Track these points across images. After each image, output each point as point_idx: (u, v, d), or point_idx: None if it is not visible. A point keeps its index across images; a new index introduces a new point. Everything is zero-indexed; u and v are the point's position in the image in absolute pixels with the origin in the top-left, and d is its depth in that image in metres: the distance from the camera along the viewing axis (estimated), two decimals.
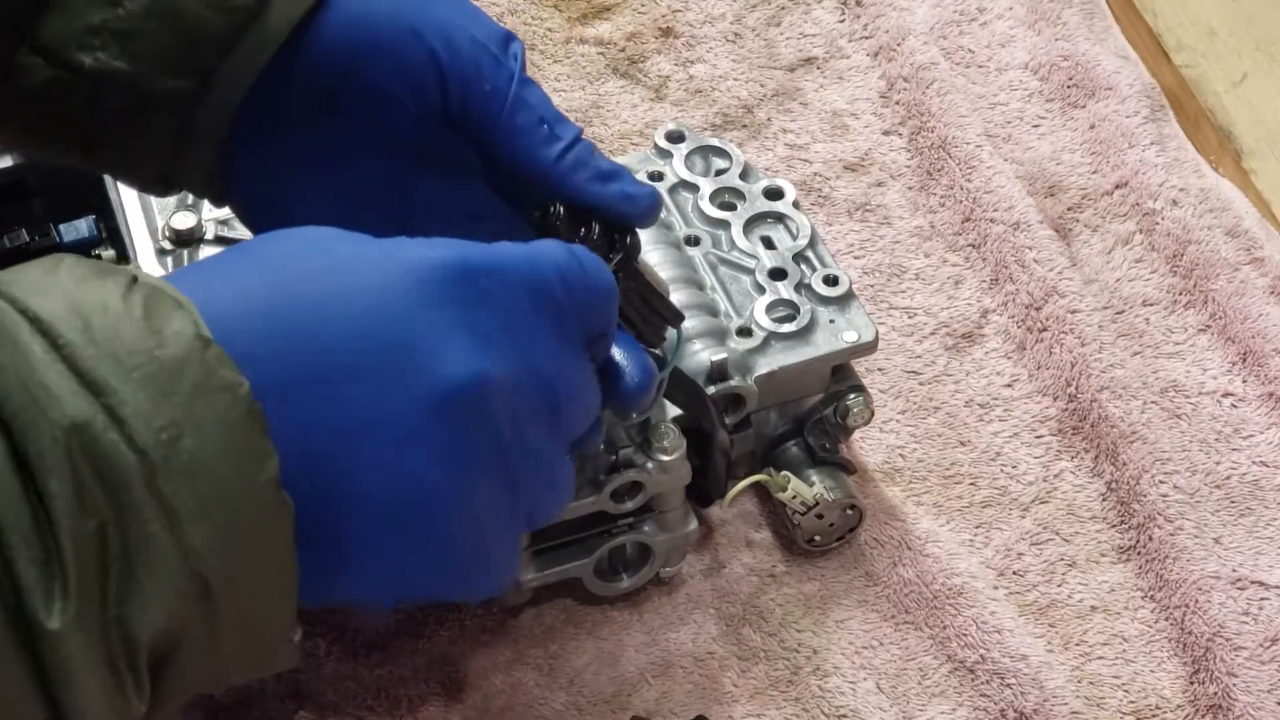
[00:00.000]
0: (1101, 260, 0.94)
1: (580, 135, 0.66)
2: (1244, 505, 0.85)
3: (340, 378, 0.52)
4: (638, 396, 0.65)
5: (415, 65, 0.64)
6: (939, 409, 0.88)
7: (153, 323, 0.49)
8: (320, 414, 0.51)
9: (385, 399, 0.52)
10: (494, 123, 0.64)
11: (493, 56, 0.64)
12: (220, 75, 0.63)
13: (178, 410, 0.48)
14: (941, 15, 1.05)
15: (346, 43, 0.64)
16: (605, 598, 0.80)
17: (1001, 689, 0.78)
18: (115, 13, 0.61)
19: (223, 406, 0.49)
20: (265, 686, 0.76)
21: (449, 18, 0.65)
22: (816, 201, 0.96)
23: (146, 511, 0.47)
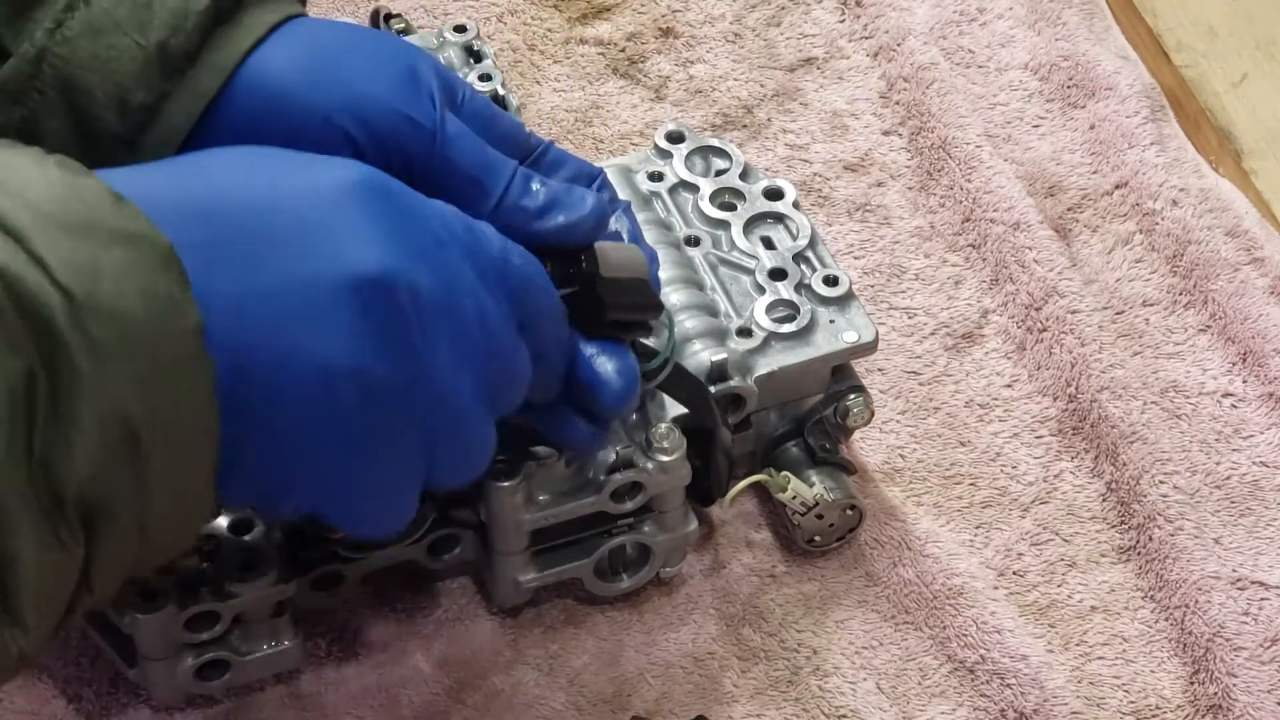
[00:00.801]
0: (1101, 260, 0.94)
1: (516, 171, 0.65)
2: (1244, 505, 0.85)
3: (259, 246, 0.52)
4: (619, 405, 0.66)
5: (330, 149, 0.62)
6: (939, 409, 0.88)
7: (66, 179, 0.49)
8: (237, 277, 0.52)
9: (299, 272, 0.53)
10: (422, 188, 0.62)
11: (410, 121, 0.63)
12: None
13: (97, 254, 0.48)
14: (941, 15, 1.05)
15: (255, 130, 0.63)
16: (605, 598, 0.80)
17: (1001, 689, 0.78)
18: (20, 113, 0.62)
19: (140, 254, 0.49)
20: (266, 688, 0.76)
21: (360, 88, 0.63)
22: (816, 202, 0.96)
23: (74, 348, 0.47)
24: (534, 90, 1.01)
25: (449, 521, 0.75)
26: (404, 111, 0.63)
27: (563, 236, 0.65)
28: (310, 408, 0.54)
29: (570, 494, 0.74)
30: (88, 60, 0.61)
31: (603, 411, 0.67)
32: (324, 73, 0.64)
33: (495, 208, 0.64)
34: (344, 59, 0.65)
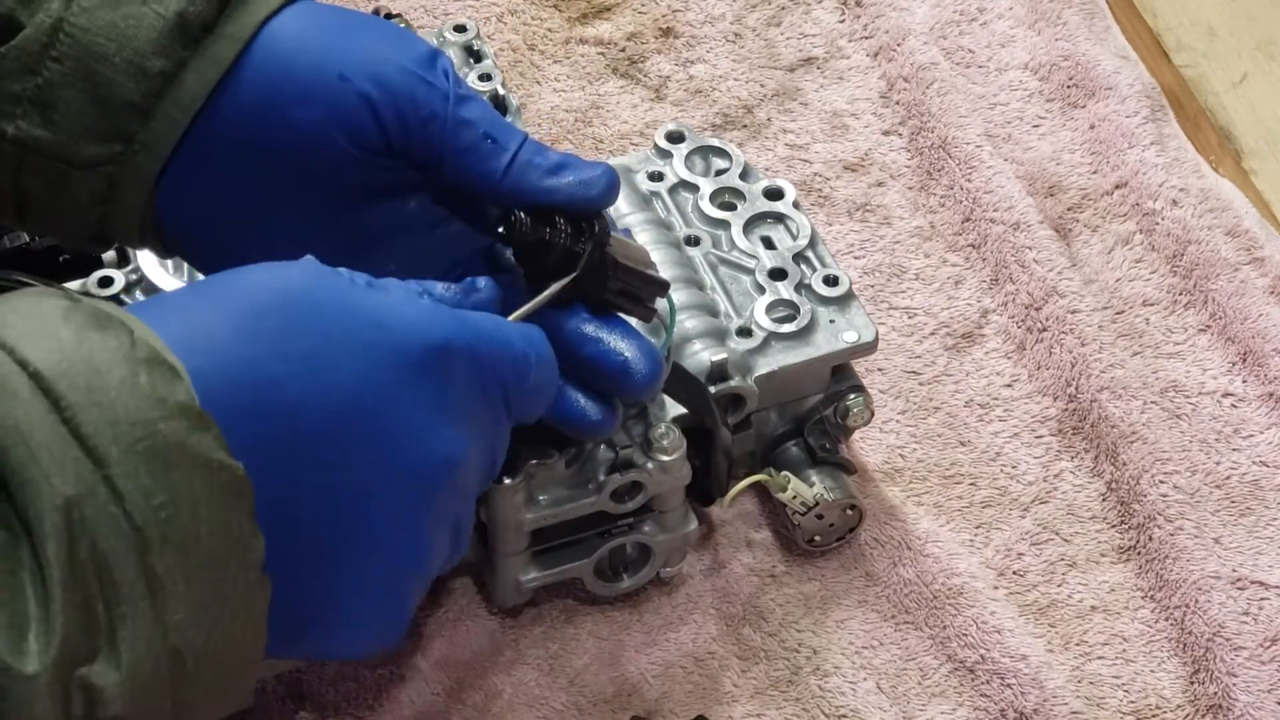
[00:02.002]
0: (1101, 260, 0.94)
1: (526, 137, 0.66)
2: (1244, 505, 0.85)
3: (323, 453, 0.53)
4: (648, 386, 0.67)
5: (348, 108, 0.63)
6: (939, 409, 0.88)
7: (156, 391, 0.49)
8: (299, 485, 0.52)
9: (368, 474, 0.54)
10: (438, 148, 0.64)
11: (424, 82, 0.64)
12: (140, 141, 0.63)
13: (177, 488, 0.48)
14: (941, 15, 1.05)
15: (271, 97, 0.63)
16: (605, 598, 0.80)
17: (1001, 689, 0.78)
18: (35, 81, 0.62)
19: (218, 486, 0.49)
20: (266, 687, 0.76)
21: (375, 52, 0.64)
22: (816, 201, 0.96)
23: (136, 589, 0.47)
24: (534, 90, 1.01)
25: None
26: (418, 71, 0.64)
27: (575, 193, 0.65)
28: (375, 597, 0.56)
29: (570, 494, 0.74)
30: (106, 28, 0.62)
31: (630, 394, 0.67)
32: (338, 38, 0.65)
33: (509, 164, 0.65)
34: (357, 28, 0.66)
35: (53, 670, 0.46)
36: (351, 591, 0.55)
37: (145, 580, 0.48)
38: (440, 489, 0.56)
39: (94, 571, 0.47)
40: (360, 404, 0.54)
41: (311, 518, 0.53)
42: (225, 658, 0.51)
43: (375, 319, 0.55)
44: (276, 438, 0.52)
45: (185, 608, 0.48)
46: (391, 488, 0.54)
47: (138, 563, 0.47)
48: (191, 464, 0.49)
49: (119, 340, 0.49)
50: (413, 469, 0.55)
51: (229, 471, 0.50)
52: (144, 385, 0.49)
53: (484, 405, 0.59)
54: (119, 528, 0.47)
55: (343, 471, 0.53)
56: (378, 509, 0.54)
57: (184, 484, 0.48)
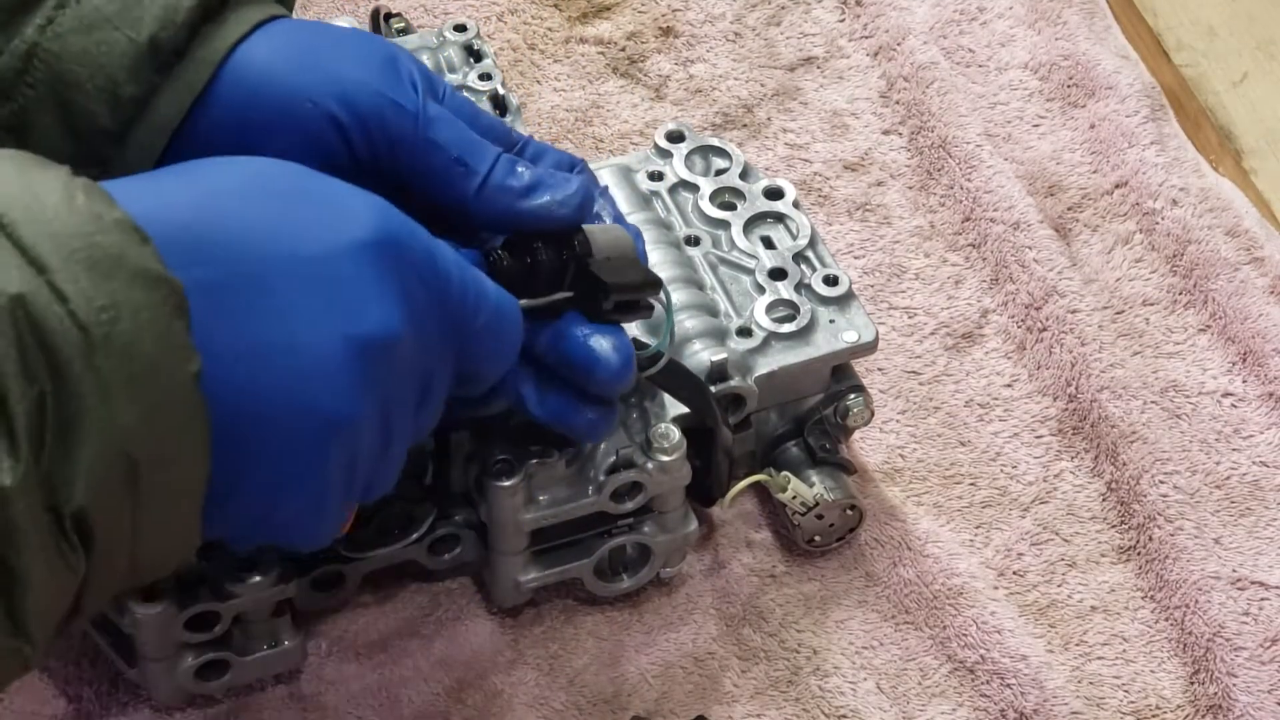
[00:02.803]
0: (1101, 260, 0.94)
1: (500, 155, 0.66)
2: (1244, 505, 0.85)
3: (263, 296, 0.54)
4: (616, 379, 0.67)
5: (316, 135, 0.64)
6: (939, 409, 0.88)
7: (93, 209, 0.50)
8: (238, 329, 0.54)
9: (307, 326, 0.55)
10: (408, 170, 0.64)
11: (394, 104, 0.64)
12: (116, 167, 0.63)
13: (117, 294, 0.50)
14: (941, 15, 1.05)
15: (240, 125, 0.64)
16: (605, 598, 0.80)
17: (1001, 689, 0.78)
18: (10, 107, 0.62)
19: (159, 297, 0.51)
20: (266, 688, 0.76)
21: (344, 73, 0.64)
22: (816, 201, 0.96)
23: (85, 384, 0.49)
24: (534, 90, 1.01)
25: (449, 521, 0.75)
26: (387, 94, 0.64)
27: (549, 214, 0.66)
28: (301, 455, 0.56)
29: (570, 494, 0.74)
30: (79, 54, 0.62)
31: (599, 389, 0.68)
32: (308, 61, 0.65)
33: (481, 186, 0.65)
34: (327, 49, 0.66)
35: (24, 474, 0.47)
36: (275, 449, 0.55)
37: (94, 378, 0.49)
38: (371, 359, 0.56)
39: (45, 368, 0.48)
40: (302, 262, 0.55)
41: (244, 364, 0.54)
42: (173, 475, 0.52)
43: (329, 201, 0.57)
44: (220, 281, 0.53)
45: (133, 412, 0.50)
46: (324, 345, 0.55)
47: (84, 360, 0.49)
48: (130, 274, 0.50)
49: (58, 172, 0.52)
50: (347, 330, 0.55)
51: (167, 283, 0.51)
52: (80, 204, 0.50)
53: (433, 314, 0.59)
54: (64, 325, 0.49)
55: (279, 320, 0.54)
56: (309, 363, 0.55)
57: (124, 291, 0.50)
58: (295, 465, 0.56)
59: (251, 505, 0.57)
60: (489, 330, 0.62)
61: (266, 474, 0.56)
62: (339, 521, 0.61)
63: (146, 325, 0.50)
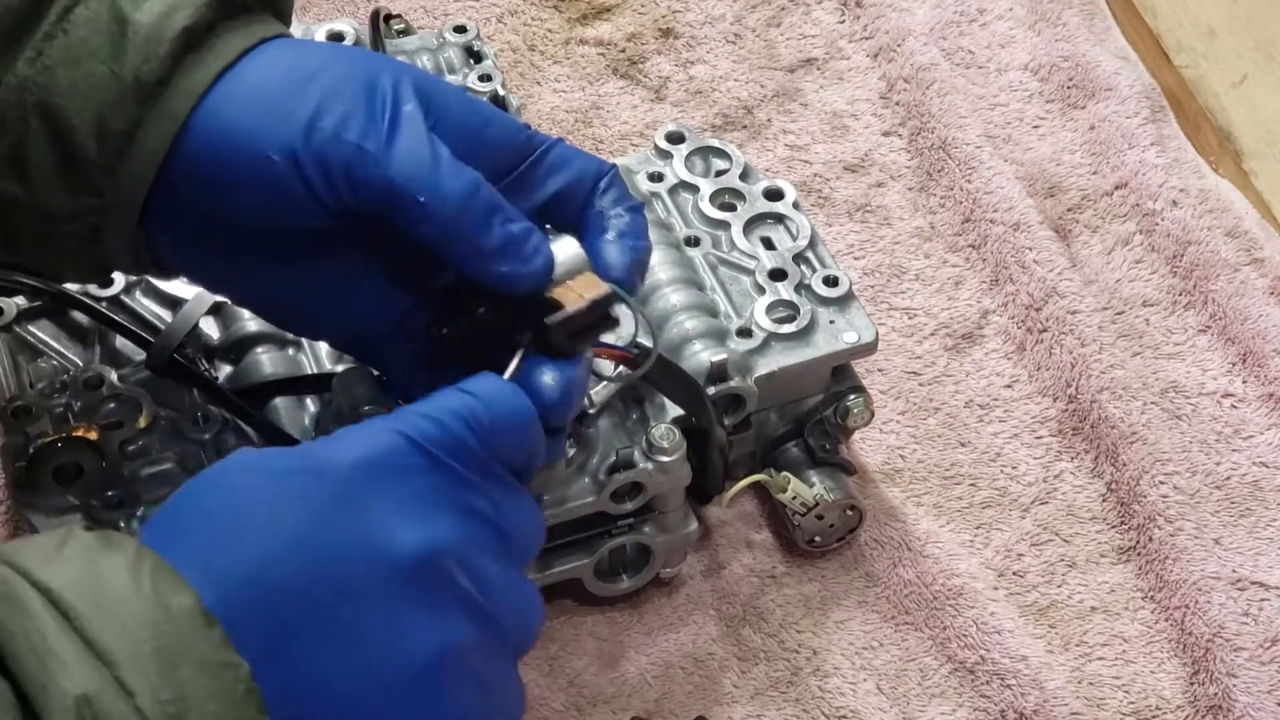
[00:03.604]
0: (1101, 261, 0.94)
1: (472, 195, 0.63)
2: (1244, 506, 0.85)
3: (290, 609, 0.53)
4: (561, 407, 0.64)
5: (282, 184, 0.62)
6: (939, 410, 0.88)
7: (160, 597, 0.51)
8: (292, 657, 0.53)
9: (342, 608, 0.54)
10: (375, 210, 0.62)
11: (356, 148, 0.62)
12: (111, 196, 0.63)
13: (184, 685, 0.50)
14: (941, 16, 1.05)
15: (209, 180, 0.63)
16: (605, 598, 0.80)
17: (1001, 689, 0.78)
18: (6, 140, 0.62)
19: (225, 685, 0.50)
20: None
21: (304, 119, 0.62)
22: (816, 202, 0.96)
23: None
24: (534, 91, 1.01)
25: None
26: (349, 138, 0.62)
27: (504, 283, 0.63)
28: (415, 704, 0.55)
29: (571, 494, 0.74)
30: (66, 88, 0.62)
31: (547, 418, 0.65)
32: (275, 108, 0.63)
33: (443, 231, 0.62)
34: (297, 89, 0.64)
35: None
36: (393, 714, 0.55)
37: None
38: (426, 583, 0.55)
39: None
40: (305, 551, 0.54)
41: (324, 685, 0.53)
42: None
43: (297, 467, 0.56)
44: (270, 625, 0.53)
45: None
46: (372, 610, 0.54)
47: None
48: (198, 663, 0.50)
49: (124, 554, 0.52)
50: (384, 581, 0.54)
51: (234, 670, 0.51)
52: (148, 592, 0.51)
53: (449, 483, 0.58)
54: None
55: (319, 621, 0.54)
56: (369, 636, 0.54)
57: (191, 682, 0.50)
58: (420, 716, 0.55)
59: None
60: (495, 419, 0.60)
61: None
62: (515, 701, 0.59)
63: (214, 714, 0.50)
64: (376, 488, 0.56)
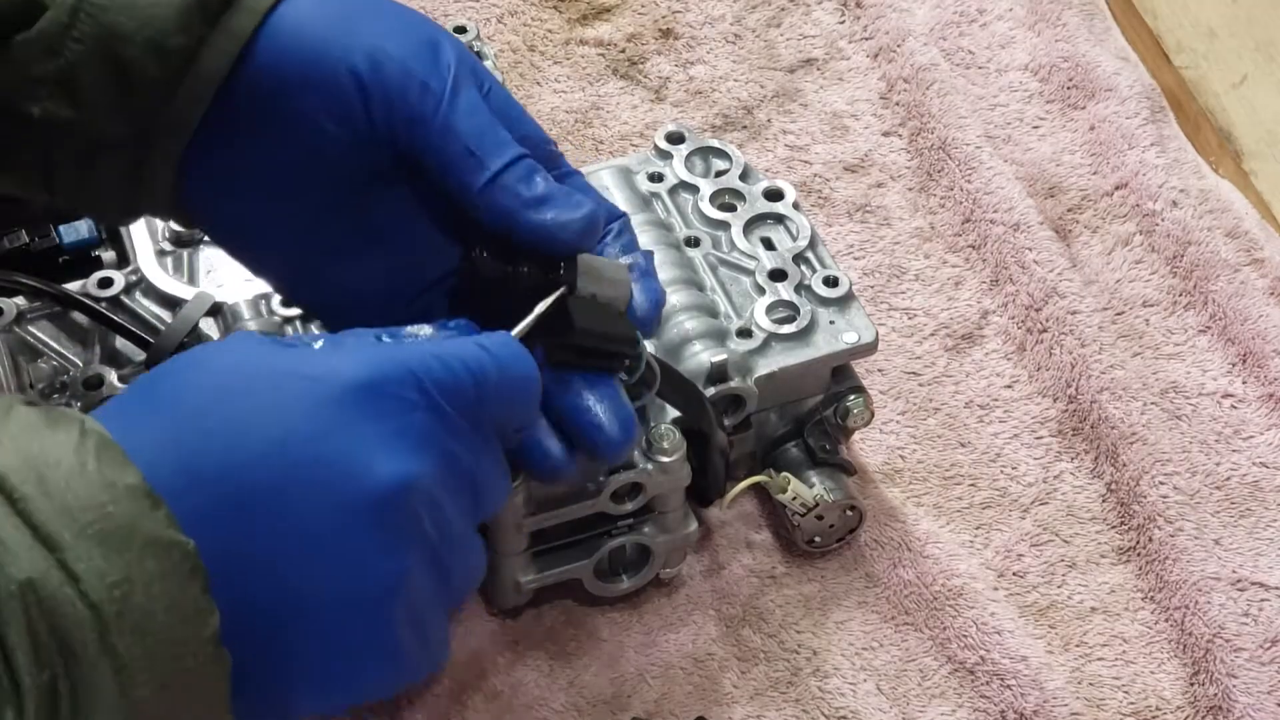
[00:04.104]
0: (1101, 261, 0.94)
1: (519, 158, 0.64)
2: (1244, 506, 0.85)
3: (262, 502, 0.53)
4: (618, 450, 0.65)
5: (340, 94, 0.63)
6: (939, 410, 0.88)
7: (105, 476, 0.50)
8: (251, 541, 0.53)
9: (310, 516, 0.54)
10: (422, 151, 0.63)
11: (420, 83, 0.63)
12: (164, 118, 0.63)
13: (130, 567, 0.49)
14: (941, 16, 1.05)
15: (275, 78, 0.63)
16: (605, 599, 0.80)
17: (1001, 690, 0.78)
18: (57, 62, 0.62)
19: (171, 564, 0.50)
20: None
21: (377, 44, 0.64)
22: (816, 203, 0.96)
23: (99, 666, 0.48)
24: (534, 91, 1.01)
25: None
26: (415, 71, 0.64)
27: (548, 232, 0.64)
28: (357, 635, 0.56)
29: (571, 495, 0.74)
30: (125, 7, 0.62)
31: (599, 457, 0.66)
32: (346, 23, 0.64)
33: (488, 183, 0.64)
34: (369, 16, 0.65)
35: None
36: (329, 636, 0.55)
37: (108, 659, 0.49)
38: (390, 514, 0.55)
39: (57, 652, 0.48)
40: (288, 452, 0.54)
41: (264, 577, 0.53)
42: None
43: (296, 370, 0.56)
44: (217, 505, 0.53)
45: (149, 686, 0.49)
46: (337, 526, 0.54)
47: (98, 641, 0.48)
48: (143, 543, 0.50)
49: (68, 433, 0.51)
50: (355, 501, 0.54)
51: (180, 548, 0.51)
52: (93, 472, 0.50)
53: (437, 426, 0.57)
54: (76, 608, 0.48)
55: (284, 521, 0.53)
56: (328, 550, 0.54)
57: (136, 563, 0.50)
58: (355, 646, 0.56)
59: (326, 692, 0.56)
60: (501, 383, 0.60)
61: (331, 663, 0.55)
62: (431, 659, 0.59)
63: (160, 594, 0.50)
64: (368, 412, 0.55)
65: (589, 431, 0.64)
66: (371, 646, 0.56)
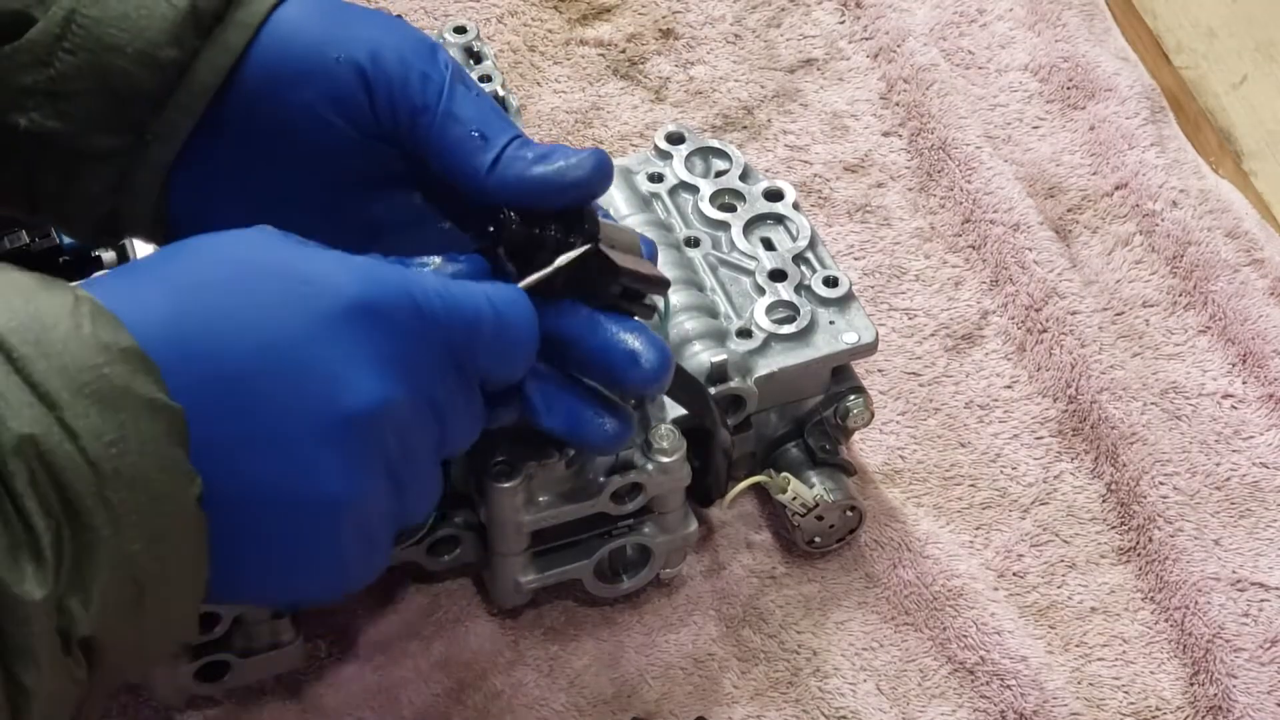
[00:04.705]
0: (1101, 261, 0.94)
1: (518, 134, 0.65)
2: (1244, 507, 0.85)
3: (244, 393, 0.55)
4: (657, 378, 0.66)
5: (344, 89, 0.64)
6: (939, 410, 0.88)
7: (100, 339, 0.52)
8: (226, 426, 0.55)
9: (286, 417, 0.55)
10: (425, 139, 0.64)
11: (420, 73, 0.64)
12: (152, 131, 0.64)
13: (124, 426, 0.51)
14: (941, 17, 1.05)
15: (272, 79, 0.64)
16: (605, 599, 0.80)
17: (1001, 690, 0.78)
18: (46, 73, 0.62)
19: (162, 426, 0.52)
20: (266, 688, 0.76)
21: (374, 36, 0.64)
22: (816, 203, 0.96)
23: (97, 518, 0.50)
24: (534, 91, 1.01)
25: (448, 523, 0.75)
26: (415, 64, 0.64)
27: (561, 178, 0.64)
28: (308, 540, 0.57)
29: (571, 495, 0.74)
30: (118, 19, 0.62)
31: (635, 390, 0.66)
32: (341, 23, 0.65)
33: (496, 159, 0.64)
34: (361, 21, 0.66)
35: (49, 593, 0.49)
36: (281, 533, 0.56)
37: (105, 511, 0.50)
38: (361, 433, 0.56)
39: (59, 504, 0.49)
40: (275, 354, 0.55)
41: (239, 459, 0.55)
42: (175, 590, 0.54)
43: (300, 272, 0.57)
44: (204, 382, 0.54)
45: (141, 539, 0.51)
46: (305, 435, 0.56)
47: (96, 495, 0.50)
48: (137, 404, 0.51)
49: (63, 297, 0.52)
50: (327, 416, 0.56)
51: (170, 411, 0.52)
52: (88, 334, 0.51)
53: (426, 361, 0.59)
54: (75, 462, 0.50)
55: (256, 417, 0.55)
56: (292, 456, 0.56)
57: (131, 423, 0.51)
58: (305, 549, 0.57)
59: (269, 585, 0.59)
60: (499, 337, 0.61)
61: (279, 560, 0.57)
62: (371, 570, 0.61)
63: (152, 455, 0.51)
64: (360, 330, 0.57)
65: (624, 364, 0.64)
66: (316, 554, 0.58)
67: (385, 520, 0.60)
